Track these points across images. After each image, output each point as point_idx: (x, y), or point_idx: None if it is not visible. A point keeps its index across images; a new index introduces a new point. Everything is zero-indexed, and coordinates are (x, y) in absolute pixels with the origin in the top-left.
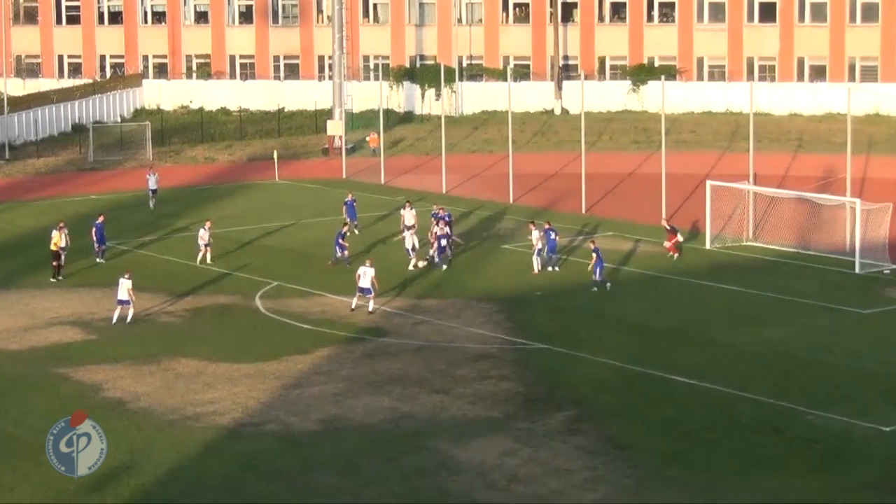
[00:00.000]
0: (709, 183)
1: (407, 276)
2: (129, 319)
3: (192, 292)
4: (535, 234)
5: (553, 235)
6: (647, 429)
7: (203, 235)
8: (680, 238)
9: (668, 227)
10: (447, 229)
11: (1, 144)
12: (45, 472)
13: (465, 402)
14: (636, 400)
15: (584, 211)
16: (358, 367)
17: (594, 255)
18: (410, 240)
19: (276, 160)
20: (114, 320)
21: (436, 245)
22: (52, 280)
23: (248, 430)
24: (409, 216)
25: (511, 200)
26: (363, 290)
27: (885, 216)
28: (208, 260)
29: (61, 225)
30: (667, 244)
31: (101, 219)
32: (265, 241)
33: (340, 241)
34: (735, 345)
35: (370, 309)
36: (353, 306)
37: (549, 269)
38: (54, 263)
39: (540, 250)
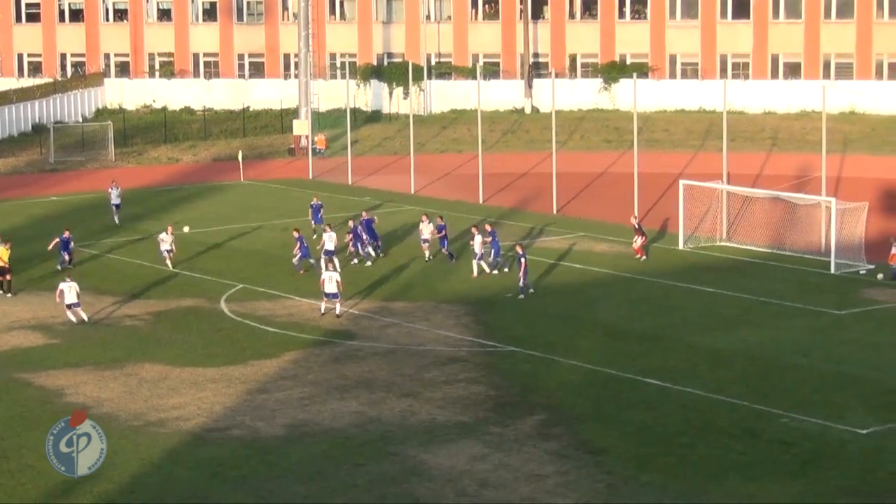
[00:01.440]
0: (682, 182)
1: (374, 278)
2: (87, 318)
3: (156, 295)
4: (478, 240)
5: (496, 238)
6: (621, 433)
7: (165, 239)
8: (645, 238)
9: (636, 226)
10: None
11: None
12: (6, 479)
13: (435, 407)
14: (609, 404)
15: (555, 211)
16: (325, 371)
17: (522, 260)
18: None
19: (240, 161)
20: (75, 321)
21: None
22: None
23: (214, 435)
24: (426, 229)
25: (481, 201)
26: (329, 295)
27: (860, 215)
28: (170, 266)
29: (5, 240)
30: (635, 245)
31: (66, 234)
32: (230, 243)
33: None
34: (710, 347)
35: (337, 312)
36: (322, 310)
37: (496, 271)
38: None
39: (482, 255)
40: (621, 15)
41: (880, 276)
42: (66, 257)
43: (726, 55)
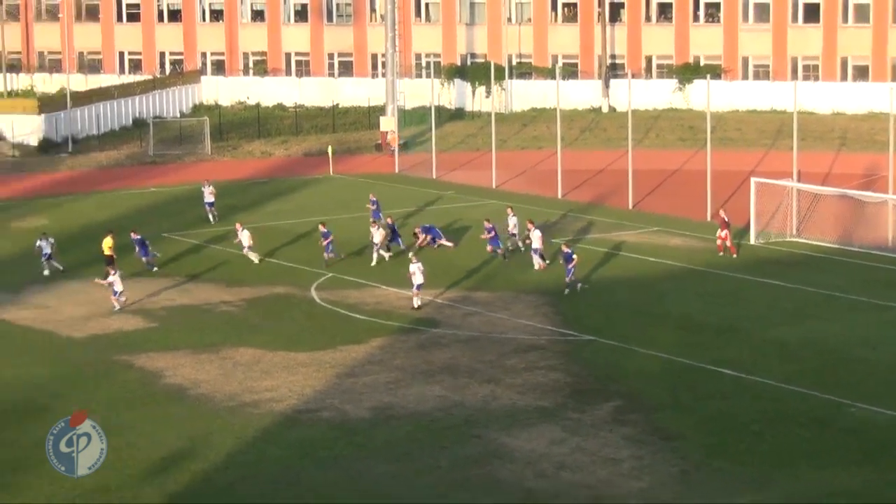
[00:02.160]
0: (753, 180)
1: (456, 269)
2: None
3: (250, 283)
4: (537, 234)
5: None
6: (694, 421)
7: (241, 235)
8: (729, 233)
9: (725, 218)
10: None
11: (64, 138)
12: (109, 456)
13: (515, 392)
14: (684, 393)
15: (630, 206)
16: (411, 357)
17: (572, 258)
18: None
19: (330, 155)
20: (117, 308)
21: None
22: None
23: (305, 417)
24: (511, 223)
25: (560, 196)
26: (420, 287)
27: None
28: (255, 260)
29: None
30: (718, 241)
31: (134, 234)
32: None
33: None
34: (781, 340)
35: (417, 304)
36: (417, 304)
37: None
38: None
39: (541, 250)
40: (695, 18)
41: None
42: (144, 259)
43: (797, 57)
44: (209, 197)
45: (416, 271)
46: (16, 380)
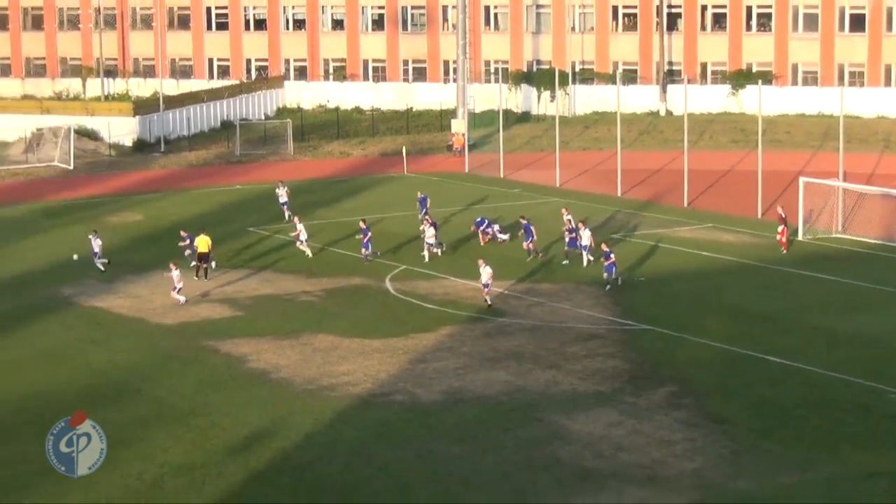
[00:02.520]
0: (802, 179)
1: (521, 262)
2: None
3: (329, 274)
4: (587, 233)
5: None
6: (744, 405)
7: (300, 230)
8: (789, 232)
9: (782, 215)
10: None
11: (157, 139)
12: (195, 434)
13: (576, 378)
14: (734, 379)
15: (685, 204)
16: (478, 345)
17: (610, 256)
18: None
19: (404, 155)
20: (182, 301)
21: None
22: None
23: (379, 400)
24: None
25: (619, 194)
26: (486, 285)
27: None
28: (309, 254)
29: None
30: (779, 236)
31: (183, 234)
32: (395, 229)
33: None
34: (827, 330)
35: (488, 302)
36: (489, 302)
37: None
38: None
39: (590, 247)
40: (748, 27)
41: None
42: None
43: (843, 64)
44: (283, 197)
45: (483, 273)
46: (109, 364)
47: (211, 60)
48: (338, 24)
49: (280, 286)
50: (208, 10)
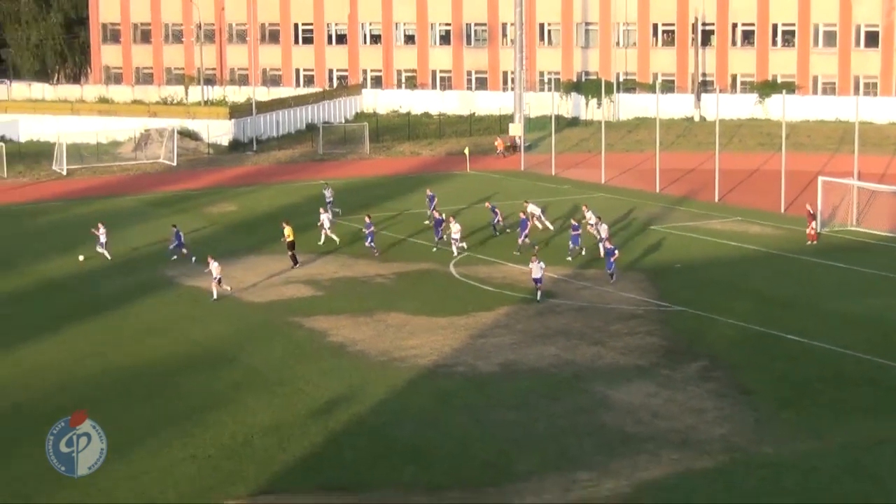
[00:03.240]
0: (821, 178)
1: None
2: (216, 295)
3: (400, 260)
4: (604, 227)
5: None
6: (767, 379)
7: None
8: (815, 226)
9: (810, 211)
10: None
11: (250, 139)
12: (281, 399)
13: (618, 353)
14: (758, 355)
15: (716, 200)
16: (531, 323)
17: (614, 252)
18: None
19: (467, 155)
20: (215, 296)
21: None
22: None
23: (443, 370)
24: (589, 216)
25: (658, 190)
26: (536, 281)
27: None
28: (335, 238)
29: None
30: (809, 231)
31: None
32: (459, 220)
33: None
34: (841, 312)
35: (538, 298)
36: (538, 298)
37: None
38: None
39: (604, 238)
40: (773, 43)
41: None
42: (183, 249)
43: (858, 76)
44: (329, 197)
45: (535, 268)
46: (207, 337)
47: (297, 70)
48: (409, 39)
49: (356, 269)
50: (296, 25)
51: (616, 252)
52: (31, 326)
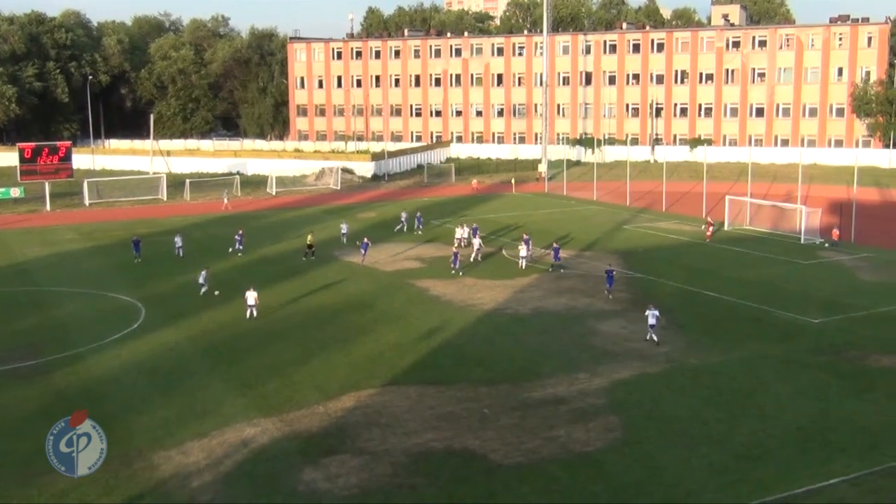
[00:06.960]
0: (727, 197)
1: (575, 239)
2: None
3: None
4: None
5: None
6: (693, 317)
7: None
8: (714, 228)
9: (709, 221)
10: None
11: (384, 173)
12: (401, 329)
13: (603, 302)
14: (688, 304)
15: (664, 210)
16: (551, 284)
17: (559, 252)
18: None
19: (513, 183)
20: (248, 315)
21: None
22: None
23: (497, 313)
24: (459, 232)
25: (628, 204)
26: (523, 258)
27: (816, 215)
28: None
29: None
30: (707, 232)
31: (240, 231)
32: (508, 222)
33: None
34: (738, 277)
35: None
36: (521, 266)
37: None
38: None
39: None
40: (699, 115)
41: (826, 244)
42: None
43: (751, 135)
44: (344, 229)
45: (521, 248)
46: (356, 291)
47: (412, 132)
48: (478, 113)
49: (445, 251)
50: (411, 105)
51: (561, 256)
52: (263, 281)
